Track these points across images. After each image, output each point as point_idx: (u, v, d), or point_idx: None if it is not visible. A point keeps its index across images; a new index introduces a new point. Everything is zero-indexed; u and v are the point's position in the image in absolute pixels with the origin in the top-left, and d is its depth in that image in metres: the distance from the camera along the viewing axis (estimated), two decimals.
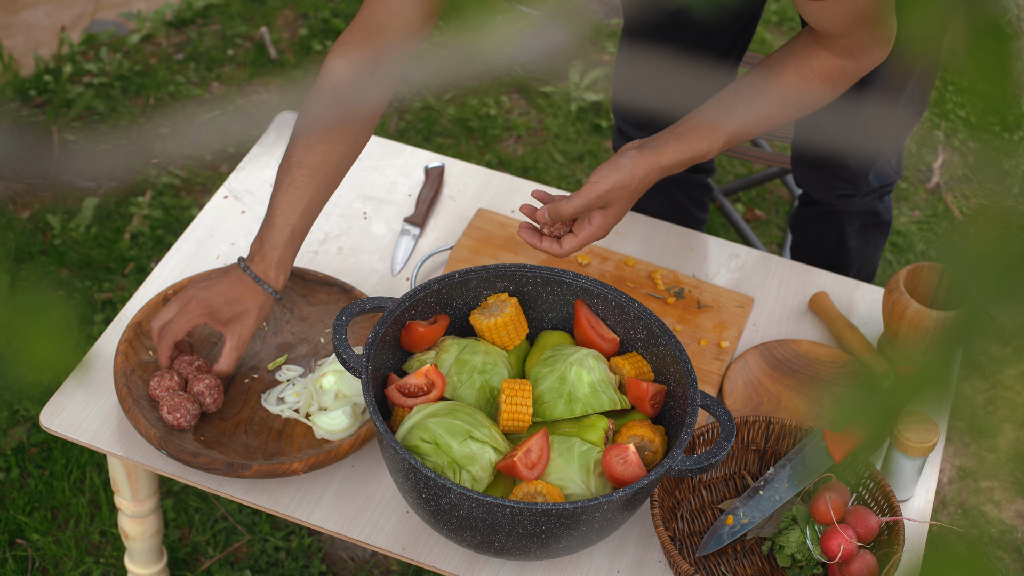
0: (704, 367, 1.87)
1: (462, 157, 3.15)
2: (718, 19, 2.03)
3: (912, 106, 2.03)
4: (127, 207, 2.99)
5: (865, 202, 2.23)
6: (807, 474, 1.67)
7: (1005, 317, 0.74)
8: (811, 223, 2.34)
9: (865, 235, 2.31)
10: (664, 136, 1.65)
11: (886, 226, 2.32)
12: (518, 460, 1.51)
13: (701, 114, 1.67)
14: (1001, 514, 2.51)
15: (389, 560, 2.34)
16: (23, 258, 2.85)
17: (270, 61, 3.45)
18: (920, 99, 2.04)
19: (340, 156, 1.73)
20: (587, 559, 1.64)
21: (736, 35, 2.07)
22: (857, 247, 2.32)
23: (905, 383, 0.83)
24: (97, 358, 1.82)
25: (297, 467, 1.64)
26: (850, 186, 2.18)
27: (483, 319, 1.67)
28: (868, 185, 2.18)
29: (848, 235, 2.29)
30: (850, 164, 2.14)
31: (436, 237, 2.05)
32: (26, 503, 2.39)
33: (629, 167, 1.62)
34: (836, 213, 2.27)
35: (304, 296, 1.89)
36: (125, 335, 1.77)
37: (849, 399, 0.87)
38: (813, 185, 2.24)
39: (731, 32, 2.06)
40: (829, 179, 2.19)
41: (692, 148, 1.64)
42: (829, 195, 2.22)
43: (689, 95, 2.08)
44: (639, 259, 2.02)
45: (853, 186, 2.18)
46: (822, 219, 2.30)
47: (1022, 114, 0.76)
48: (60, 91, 3.28)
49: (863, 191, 2.19)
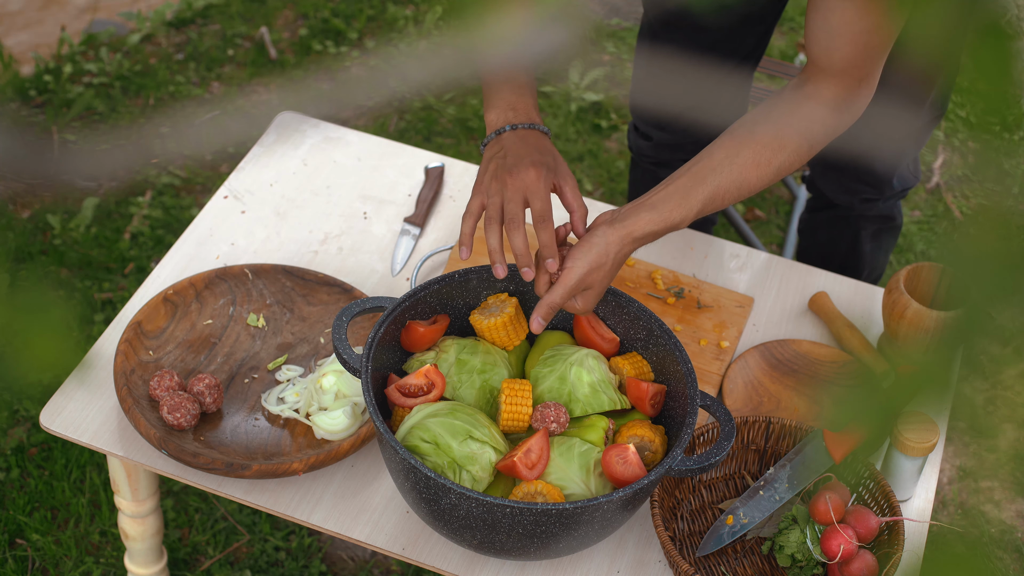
0: (704, 367, 1.87)
1: (462, 157, 3.15)
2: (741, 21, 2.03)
3: (934, 110, 2.03)
4: (127, 207, 2.99)
5: (886, 206, 2.23)
6: (807, 474, 1.67)
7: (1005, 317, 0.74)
8: (822, 228, 2.34)
9: (878, 239, 2.31)
10: (635, 207, 1.61)
11: (898, 230, 2.32)
12: (518, 460, 1.51)
13: (673, 183, 1.62)
14: (1001, 514, 2.51)
15: (389, 560, 2.34)
16: (23, 258, 2.85)
17: (270, 61, 3.45)
18: (942, 103, 2.04)
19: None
20: (587, 559, 1.64)
21: (758, 37, 2.07)
22: (870, 251, 2.32)
23: (905, 383, 0.83)
24: (97, 358, 1.82)
25: (297, 467, 1.64)
26: (874, 190, 2.18)
27: (483, 319, 1.67)
28: (892, 189, 2.18)
29: (863, 239, 2.29)
30: (876, 168, 2.14)
31: (436, 237, 2.05)
32: (26, 503, 2.38)
33: (602, 244, 1.58)
34: (852, 217, 2.26)
35: (304, 296, 1.89)
36: (125, 335, 1.77)
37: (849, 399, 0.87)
38: (835, 189, 2.23)
39: (754, 34, 2.06)
40: (853, 183, 2.19)
41: (665, 219, 1.59)
42: (852, 199, 2.22)
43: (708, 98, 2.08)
44: (639, 259, 2.02)
45: (877, 190, 2.18)
46: (835, 224, 2.30)
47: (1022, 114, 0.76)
48: (60, 91, 3.28)
49: (886, 195, 2.19)
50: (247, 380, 1.79)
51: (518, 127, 1.66)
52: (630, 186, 2.40)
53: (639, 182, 2.36)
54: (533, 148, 1.63)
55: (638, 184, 2.36)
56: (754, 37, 2.07)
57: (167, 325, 1.82)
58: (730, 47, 2.06)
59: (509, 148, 1.64)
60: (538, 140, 1.65)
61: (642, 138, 2.26)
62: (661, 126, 2.21)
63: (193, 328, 1.83)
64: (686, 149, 2.19)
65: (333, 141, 2.18)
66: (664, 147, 2.23)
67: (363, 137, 2.20)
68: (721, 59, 2.05)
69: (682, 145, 2.20)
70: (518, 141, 1.64)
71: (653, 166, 2.28)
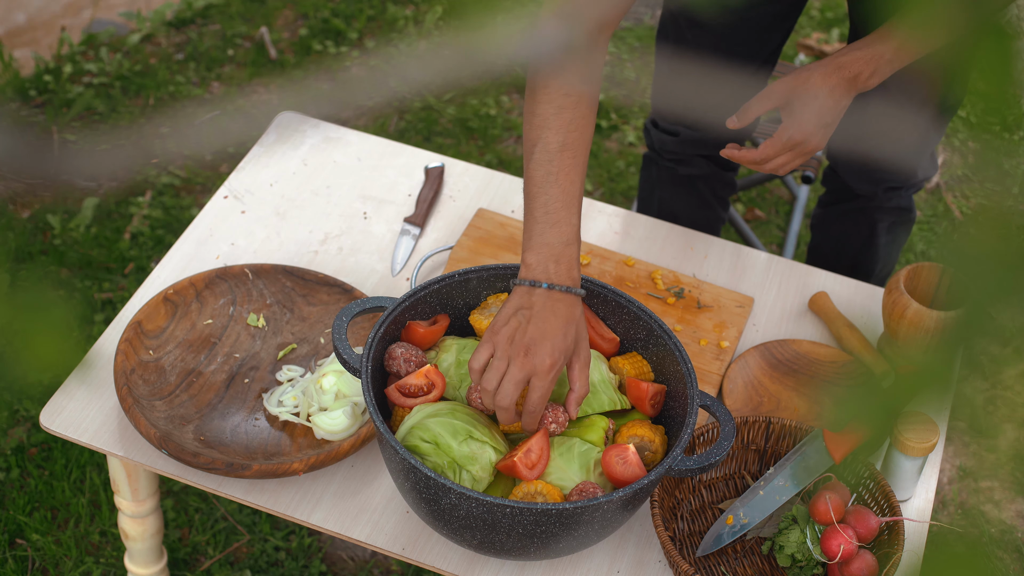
0: (704, 367, 1.87)
1: (462, 157, 3.15)
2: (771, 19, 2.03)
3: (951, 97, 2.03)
4: (127, 207, 2.99)
5: (906, 196, 2.23)
6: (807, 474, 1.67)
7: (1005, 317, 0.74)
8: (837, 223, 2.33)
9: (893, 232, 2.30)
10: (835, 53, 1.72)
11: (912, 222, 2.32)
12: (518, 460, 1.51)
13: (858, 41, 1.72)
14: (1001, 514, 2.51)
15: (389, 560, 2.34)
16: (23, 258, 2.85)
17: (270, 61, 3.45)
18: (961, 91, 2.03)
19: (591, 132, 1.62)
20: (587, 559, 1.64)
21: (783, 35, 2.08)
22: (885, 244, 2.31)
23: (905, 383, 0.83)
24: (97, 358, 1.82)
25: (297, 467, 1.64)
26: (898, 178, 2.18)
27: (483, 319, 1.67)
28: (915, 177, 2.18)
29: (879, 232, 2.28)
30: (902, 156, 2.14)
31: (436, 237, 2.05)
32: (26, 503, 2.38)
33: (805, 68, 1.72)
34: (869, 209, 2.26)
35: (304, 296, 1.89)
36: (125, 335, 1.77)
37: (849, 399, 0.87)
38: (858, 179, 2.22)
39: (781, 30, 2.06)
40: (876, 172, 2.18)
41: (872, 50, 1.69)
42: (876, 188, 2.21)
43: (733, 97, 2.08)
44: (639, 259, 2.02)
45: (902, 178, 2.18)
46: (850, 217, 2.29)
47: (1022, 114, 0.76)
48: (60, 91, 3.28)
49: (909, 183, 2.19)
50: (247, 380, 1.79)
51: (555, 288, 1.54)
52: (641, 185, 2.39)
53: (654, 181, 2.34)
54: (560, 326, 1.51)
55: (651, 183, 2.35)
56: (780, 34, 2.07)
57: (167, 325, 1.82)
58: (757, 46, 2.06)
59: (536, 314, 1.52)
60: (569, 311, 1.53)
61: (666, 134, 2.24)
62: (687, 124, 2.20)
63: (193, 328, 1.83)
64: (709, 145, 2.20)
65: (333, 141, 2.18)
66: (689, 143, 2.22)
67: (363, 137, 2.20)
68: (747, 59, 2.06)
69: (705, 141, 2.20)
70: (548, 309, 1.52)
71: (673, 163, 2.27)
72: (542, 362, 1.49)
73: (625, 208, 2.67)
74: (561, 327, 1.52)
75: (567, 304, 1.54)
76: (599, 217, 2.10)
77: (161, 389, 1.75)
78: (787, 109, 1.74)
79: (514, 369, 1.49)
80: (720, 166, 2.28)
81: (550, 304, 1.53)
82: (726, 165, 2.29)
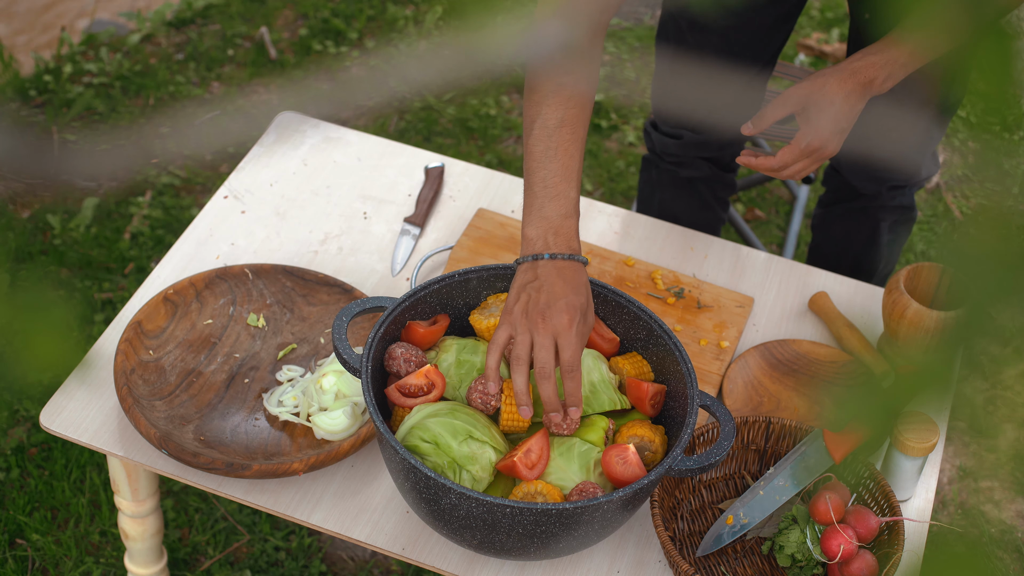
0: (704, 367, 1.87)
1: (462, 157, 3.15)
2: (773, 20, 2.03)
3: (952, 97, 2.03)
4: (127, 207, 2.99)
5: (908, 195, 2.23)
6: (807, 474, 1.67)
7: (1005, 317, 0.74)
8: (838, 222, 2.33)
9: (895, 231, 2.30)
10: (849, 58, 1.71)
11: (913, 221, 2.32)
12: (518, 460, 1.51)
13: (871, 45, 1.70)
14: (1001, 514, 2.51)
15: (389, 560, 2.34)
16: (23, 258, 2.85)
17: (270, 61, 3.45)
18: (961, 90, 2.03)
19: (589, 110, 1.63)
20: (587, 559, 1.64)
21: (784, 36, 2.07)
22: (888, 242, 2.31)
23: (905, 383, 0.83)
24: (97, 358, 1.82)
25: (297, 467, 1.64)
26: (902, 177, 2.18)
27: (483, 319, 1.67)
28: (919, 175, 2.18)
29: (881, 231, 2.28)
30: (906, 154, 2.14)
31: (436, 237, 2.05)
32: (26, 503, 2.39)
33: (819, 73, 1.71)
34: (872, 209, 2.26)
35: (304, 296, 1.89)
36: (125, 335, 1.77)
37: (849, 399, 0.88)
38: (862, 178, 2.21)
39: (782, 32, 2.06)
40: (880, 171, 2.18)
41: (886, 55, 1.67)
42: (879, 187, 2.21)
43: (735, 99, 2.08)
44: (639, 259, 2.02)
45: (906, 177, 2.18)
46: (852, 216, 2.29)
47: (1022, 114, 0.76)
48: (60, 91, 3.28)
49: (913, 181, 2.19)
50: (247, 380, 1.79)
51: (557, 257, 1.57)
52: (640, 187, 2.39)
53: (654, 183, 2.33)
54: (569, 287, 1.54)
55: (651, 185, 2.34)
56: (782, 35, 2.07)
57: (167, 325, 1.82)
58: (759, 47, 2.05)
59: (544, 282, 1.54)
60: (575, 275, 1.56)
61: (668, 137, 2.24)
62: (689, 127, 2.20)
63: (193, 328, 1.83)
64: (711, 148, 2.19)
65: (333, 141, 2.18)
66: (691, 145, 2.21)
67: (363, 137, 2.20)
68: (748, 60, 2.05)
69: (707, 144, 2.19)
70: (554, 275, 1.55)
71: (674, 166, 2.27)
72: (560, 321, 1.51)
73: (625, 208, 2.66)
74: (572, 288, 1.54)
75: (572, 269, 1.56)
76: (599, 217, 2.10)
77: (161, 389, 1.75)
78: (803, 115, 1.72)
79: (538, 337, 1.51)
80: (720, 167, 2.28)
81: (555, 271, 1.55)
82: (726, 166, 2.29)
